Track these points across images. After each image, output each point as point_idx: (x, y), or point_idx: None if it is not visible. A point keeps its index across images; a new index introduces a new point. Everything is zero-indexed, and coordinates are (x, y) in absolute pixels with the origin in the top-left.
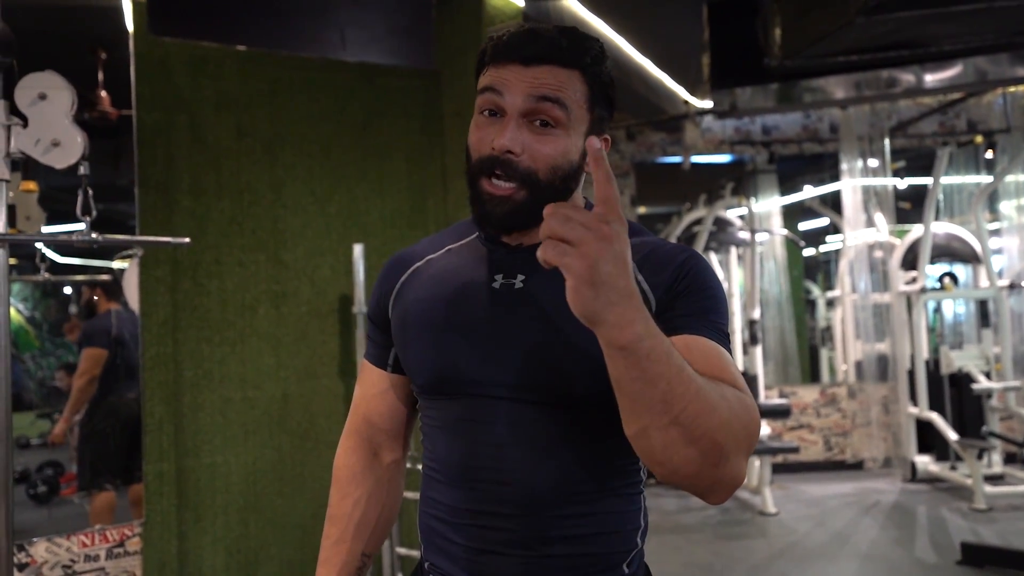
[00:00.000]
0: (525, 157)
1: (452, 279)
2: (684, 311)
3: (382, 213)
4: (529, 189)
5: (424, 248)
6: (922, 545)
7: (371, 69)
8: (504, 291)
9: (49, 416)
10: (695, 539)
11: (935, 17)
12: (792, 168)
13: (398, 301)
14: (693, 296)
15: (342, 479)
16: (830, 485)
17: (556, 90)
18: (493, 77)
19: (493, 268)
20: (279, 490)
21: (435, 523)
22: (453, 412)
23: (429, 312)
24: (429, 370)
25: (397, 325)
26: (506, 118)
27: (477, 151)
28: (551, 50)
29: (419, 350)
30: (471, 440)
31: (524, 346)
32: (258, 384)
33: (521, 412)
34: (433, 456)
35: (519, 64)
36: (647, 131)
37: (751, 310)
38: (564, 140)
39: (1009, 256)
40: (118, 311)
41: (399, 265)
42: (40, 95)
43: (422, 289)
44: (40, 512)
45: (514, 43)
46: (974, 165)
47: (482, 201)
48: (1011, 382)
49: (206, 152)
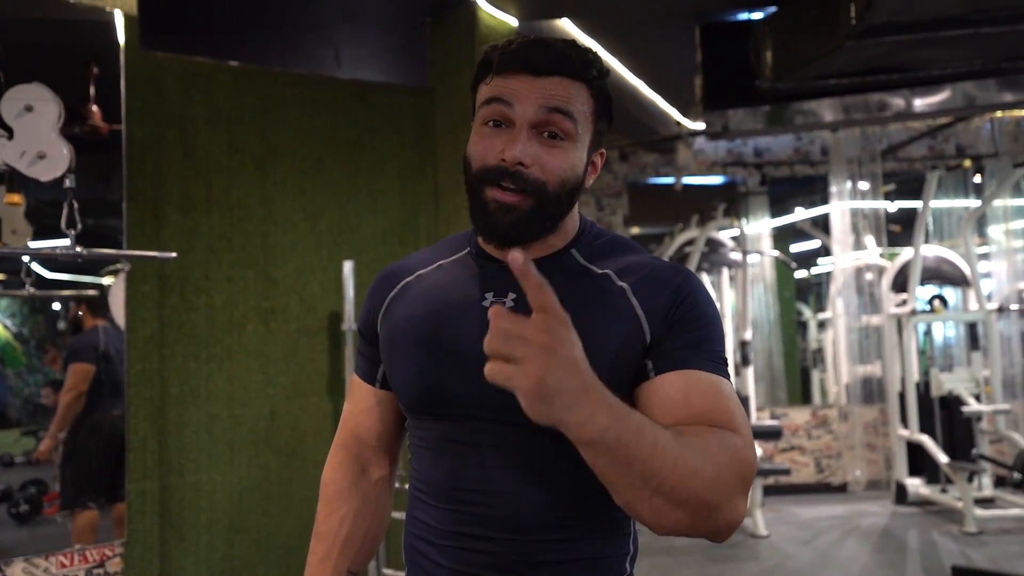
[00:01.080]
0: (535, 169)
1: (442, 296)
2: (682, 343)
3: (373, 230)
4: (536, 199)
5: (415, 263)
6: (913, 568)
7: (364, 86)
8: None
9: (34, 434)
10: (686, 561)
11: (923, 42)
12: (784, 190)
13: (386, 317)
14: (691, 325)
15: (329, 495)
16: (821, 507)
17: (567, 102)
18: (501, 87)
19: (484, 286)
20: (265, 509)
21: (419, 543)
22: (438, 432)
23: (416, 329)
24: (414, 389)
25: (385, 341)
26: (515, 129)
27: (481, 161)
28: (561, 61)
29: (405, 368)
30: (456, 461)
31: None
32: (245, 402)
33: (507, 435)
34: (419, 476)
35: (529, 74)
36: (640, 152)
37: (742, 331)
38: (573, 153)
39: (998, 279)
40: (105, 327)
41: (389, 279)
42: (27, 107)
43: (411, 305)
44: (21, 532)
45: (523, 52)
46: (963, 189)
47: (487, 210)
48: (1000, 405)
49: (196, 167)
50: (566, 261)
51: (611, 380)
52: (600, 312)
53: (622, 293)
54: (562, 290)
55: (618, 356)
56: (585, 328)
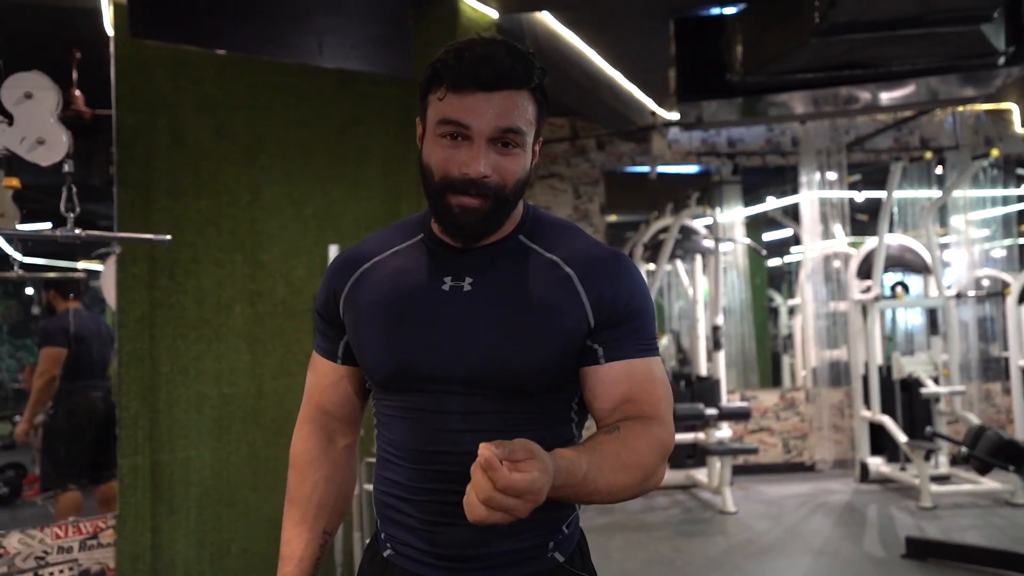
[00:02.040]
0: (495, 177)
1: (402, 281)
2: (622, 333)
3: (357, 216)
4: (495, 200)
5: (370, 249)
6: (870, 540)
7: (348, 76)
8: (453, 293)
9: (10, 419)
10: (657, 536)
11: (883, 40)
12: (756, 180)
13: (349, 302)
14: (631, 318)
15: (300, 464)
16: (788, 486)
17: (517, 120)
18: (456, 107)
19: (441, 270)
20: (252, 484)
21: (391, 500)
22: (409, 403)
23: (382, 314)
24: (385, 368)
25: (351, 326)
26: (474, 144)
27: (443, 171)
28: (508, 76)
29: (374, 350)
30: (428, 427)
31: (475, 346)
32: (233, 381)
33: (476, 402)
34: (390, 441)
35: (480, 91)
36: (616, 141)
37: (714, 317)
38: (523, 157)
39: (958, 268)
40: (76, 310)
41: (348, 266)
42: (26, 94)
43: (373, 292)
44: (3, 515)
45: (473, 70)
46: (926, 180)
47: (452, 214)
48: (957, 387)
49: (185, 153)
50: (514, 244)
51: (561, 360)
52: (554, 298)
53: (569, 280)
54: (516, 275)
55: (568, 339)
56: (541, 312)
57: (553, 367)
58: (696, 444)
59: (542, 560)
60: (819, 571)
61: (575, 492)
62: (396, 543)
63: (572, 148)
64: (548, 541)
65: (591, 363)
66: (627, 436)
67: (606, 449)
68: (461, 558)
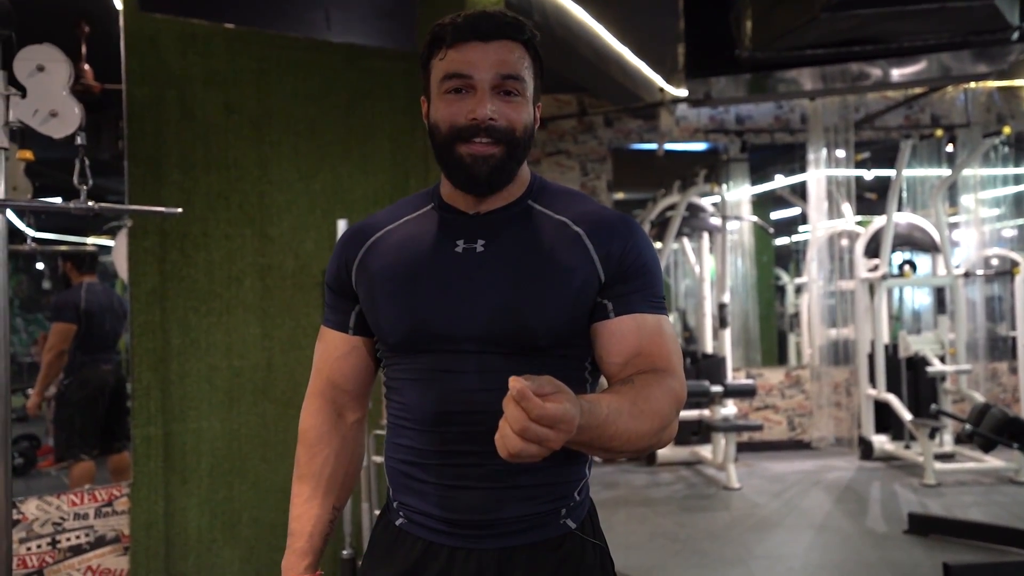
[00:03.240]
0: (502, 121)
1: (415, 246)
2: (631, 289)
3: (365, 191)
4: (507, 146)
5: (381, 219)
6: (873, 516)
7: (356, 50)
8: (467, 255)
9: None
10: (661, 511)
11: (893, 15)
12: (764, 157)
13: (362, 269)
14: (639, 274)
15: (310, 439)
16: (792, 463)
17: (516, 67)
18: (458, 60)
19: (453, 234)
20: (263, 455)
21: (404, 466)
22: (425, 364)
23: (397, 276)
24: (402, 328)
25: (365, 290)
26: (478, 92)
27: (451, 123)
28: (503, 27)
29: (390, 311)
30: (443, 388)
31: (490, 304)
32: (243, 353)
33: (490, 361)
34: (403, 406)
35: (479, 41)
36: (624, 118)
37: (721, 294)
38: (526, 106)
39: (967, 247)
40: (90, 284)
41: (359, 236)
42: (38, 67)
43: (387, 256)
44: (18, 484)
45: (471, 23)
46: (936, 158)
47: (464, 164)
48: (963, 365)
49: (195, 127)
50: (523, 208)
51: (573, 316)
52: (564, 256)
53: (579, 238)
54: (528, 237)
55: (579, 294)
56: (553, 270)
57: (565, 322)
58: (701, 421)
59: (554, 526)
60: (821, 546)
61: (597, 435)
62: (409, 511)
63: (579, 125)
64: (560, 507)
65: (601, 318)
66: (642, 386)
67: (624, 396)
68: (475, 524)
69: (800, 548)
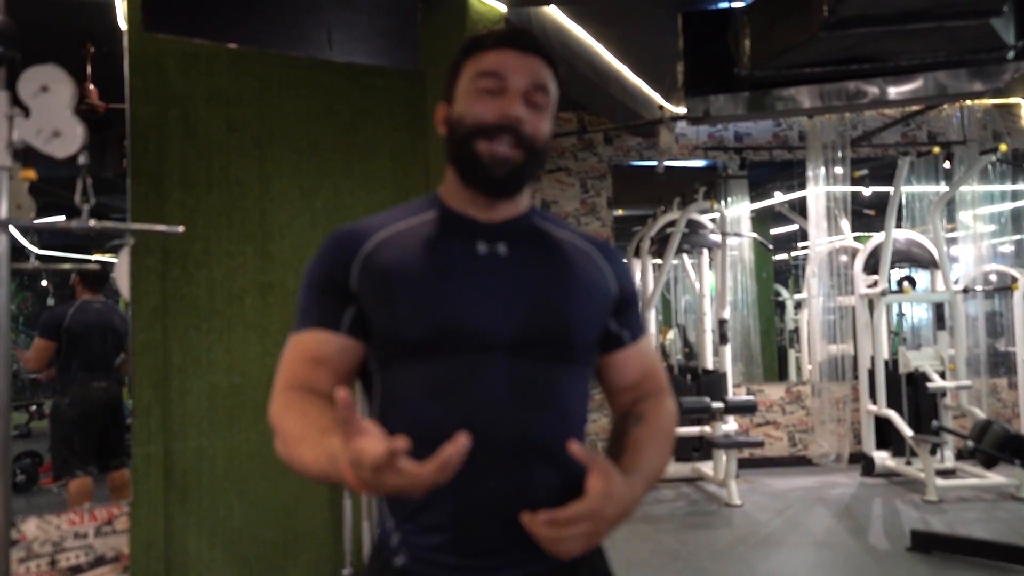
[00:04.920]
0: (528, 126)
1: (432, 244)
2: (634, 313)
3: (367, 208)
4: (528, 153)
5: (378, 222)
6: (875, 533)
7: (357, 69)
8: (491, 257)
9: (25, 408)
10: (663, 528)
11: (892, 34)
12: (763, 174)
13: (368, 267)
14: (636, 297)
15: (292, 406)
16: (793, 479)
17: (546, 81)
18: (496, 62)
19: (471, 237)
20: (264, 473)
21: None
22: (444, 372)
23: (418, 270)
24: (425, 324)
25: (376, 285)
26: (510, 94)
27: (479, 119)
28: (539, 46)
29: (412, 304)
30: (467, 401)
31: (528, 301)
32: (244, 371)
33: (521, 368)
34: (415, 422)
35: (518, 51)
36: (624, 135)
37: (721, 310)
38: (548, 121)
39: (965, 262)
40: (84, 302)
41: (354, 236)
42: (42, 87)
43: (402, 251)
44: (20, 501)
45: (511, 34)
46: (934, 175)
47: (481, 163)
48: (963, 381)
49: (197, 146)
50: (531, 223)
51: (599, 322)
52: (586, 268)
53: (591, 255)
54: (546, 246)
55: (602, 306)
56: (580, 277)
57: (595, 328)
58: (702, 437)
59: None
60: (823, 563)
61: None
62: (414, 547)
63: (579, 142)
64: None
65: (618, 346)
66: (653, 421)
67: (647, 437)
68: (492, 553)
69: (803, 566)
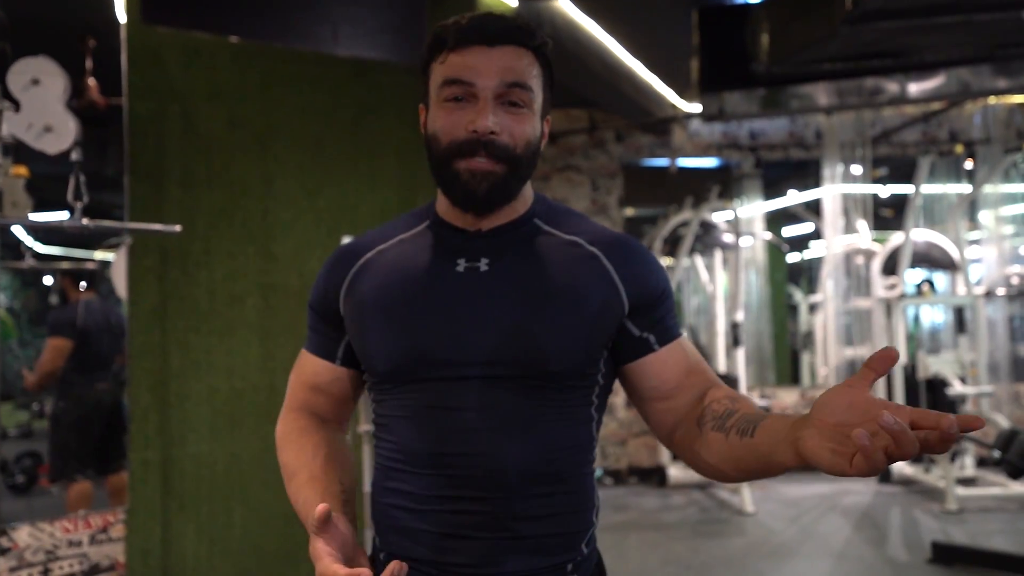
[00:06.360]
0: (505, 135)
1: (410, 265)
2: (663, 313)
3: (372, 207)
4: (509, 164)
5: (373, 239)
6: (894, 544)
7: (363, 64)
8: (470, 274)
9: (28, 406)
10: (675, 536)
11: (916, 28)
12: (777, 173)
13: (351, 292)
14: (666, 296)
15: (292, 437)
16: (807, 486)
17: (523, 75)
18: (459, 65)
19: (453, 253)
20: (264, 480)
21: (397, 512)
22: (418, 399)
23: (389, 297)
24: (394, 356)
25: (353, 313)
26: (480, 101)
27: (450, 135)
28: (510, 31)
29: (382, 335)
30: (440, 426)
31: (498, 324)
32: (245, 375)
33: (493, 393)
34: (395, 446)
35: (483, 45)
36: (636, 133)
37: (734, 313)
38: (532, 118)
39: (987, 265)
40: (88, 301)
41: (348, 257)
42: (33, 80)
43: (379, 277)
44: (19, 502)
45: (475, 25)
46: (955, 174)
47: (461, 181)
48: (985, 387)
49: (197, 143)
50: (529, 227)
51: (590, 341)
52: (580, 277)
53: (596, 258)
54: (536, 255)
55: (598, 319)
56: (567, 291)
57: (581, 349)
58: None
59: None
60: (840, 575)
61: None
62: (401, 557)
63: (590, 140)
64: (566, 562)
65: (645, 352)
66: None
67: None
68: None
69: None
